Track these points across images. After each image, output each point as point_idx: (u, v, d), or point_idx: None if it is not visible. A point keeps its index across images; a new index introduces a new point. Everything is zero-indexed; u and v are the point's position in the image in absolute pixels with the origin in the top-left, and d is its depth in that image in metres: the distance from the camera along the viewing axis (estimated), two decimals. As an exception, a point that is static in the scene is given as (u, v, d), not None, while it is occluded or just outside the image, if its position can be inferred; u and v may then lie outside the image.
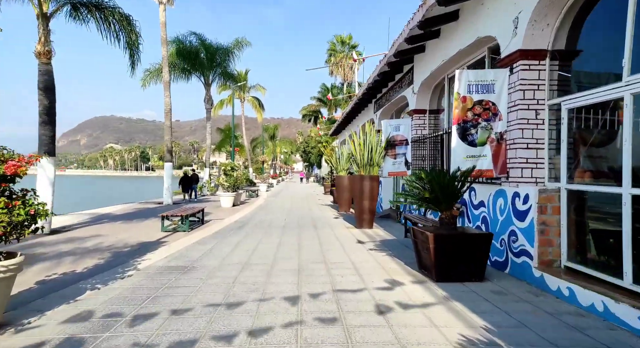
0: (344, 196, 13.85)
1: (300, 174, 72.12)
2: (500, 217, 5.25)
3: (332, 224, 10.43)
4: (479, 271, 4.66)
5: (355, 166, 9.79)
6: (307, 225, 10.14)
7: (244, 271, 5.27)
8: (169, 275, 5.05)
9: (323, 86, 53.56)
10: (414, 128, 9.43)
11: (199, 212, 10.25)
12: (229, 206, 15.69)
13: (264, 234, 8.64)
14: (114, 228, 9.45)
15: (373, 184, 9.38)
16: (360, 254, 6.41)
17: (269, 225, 10.15)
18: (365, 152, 9.40)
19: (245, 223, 10.64)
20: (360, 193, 9.39)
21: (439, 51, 7.62)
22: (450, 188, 4.81)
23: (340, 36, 44.78)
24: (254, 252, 6.56)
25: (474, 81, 5.03)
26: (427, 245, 4.68)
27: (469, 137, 5.10)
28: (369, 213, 9.43)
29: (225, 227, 9.75)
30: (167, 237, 8.15)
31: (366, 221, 9.45)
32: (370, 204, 9.40)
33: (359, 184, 9.42)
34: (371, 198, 9.38)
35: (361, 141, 9.47)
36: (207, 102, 23.45)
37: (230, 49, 22.84)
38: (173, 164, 17.08)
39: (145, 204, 16.67)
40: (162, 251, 6.56)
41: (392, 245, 7.29)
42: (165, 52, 16.51)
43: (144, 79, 20.47)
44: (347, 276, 5.01)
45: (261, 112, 40.52)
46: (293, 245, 7.23)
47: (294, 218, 11.72)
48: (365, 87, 12.06)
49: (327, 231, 9.03)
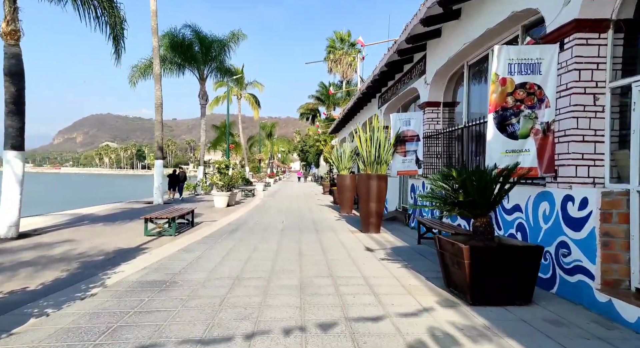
0: (346, 196, 12.94)
1: (298, 173, 71.31)
2: (543, 225, 4.35)
3: (335, 227, 9.52)
4: (524, 293, 3.77)
5: (361, 164, 8.89)
6: (307, 229, 9.23)
7: (235, 288, 4.35)
8: (142, 293, 4.12)
9: (321, 85, 52.69)
10: (426, 123, 8.53)
11: (188, 214, 9.32)
12: (223, 206, 14.75)
13: (260, 239, 7.72)
14: (92, 231, 8.50)
15: (381, 185, 8.48)
16: (371, 265, 5.50)
17: (266, 228, 9.23)
18: (372, 149, 8.50)
19: (239, 225, 9.72)
20: (366, 194, 8.49)
21: (459, 34, 6.72)
22: (489, 190, 3.91)
23: (339, 33, 43.85)
24: (248, 262, 5.64)
25: (515, 59, 4.13)
26: (460, 260, 3.79)
27: (508, 128, 4.20)
28: (376, 217, 8.53)
29: (217, 231, 8.82)
30: (149, 243, 7.21)
31: (373, 225, 8.55)
32: (378, 207, 8.50)
33: (365, 184, 8.52)
34: (379, 200, 8.48)
35: (367, 137, 8.56)
36: (201, 98, 22.48)
37: (226, 42, 21.85)
38: (168, 162, 16.15)
39: (134, 204, 15.69)
40: (140, 261, 5.63)
41: (406, 253, 6.39)
42: (156, 43, 15.53)
43: (132, 77, 19.43)
44: (360, 296, 4.10)
45: (258, 110, 39.55)
46: (293, 253, 6.32)
47: (293, 220, 10.81)
48: (370, 79, 11.16)
49: (330, 236, 8.12)
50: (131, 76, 19.45)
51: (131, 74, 19.47)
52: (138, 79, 19.56)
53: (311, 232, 8.70)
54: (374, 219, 8.53)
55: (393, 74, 10.82)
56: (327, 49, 44.53)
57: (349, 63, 43.08)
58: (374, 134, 8.49)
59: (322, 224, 10.15)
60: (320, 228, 9.32)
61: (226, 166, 14.88)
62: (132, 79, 19.43)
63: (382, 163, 8.55)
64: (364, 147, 8.61)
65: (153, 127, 16.53)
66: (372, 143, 8.50)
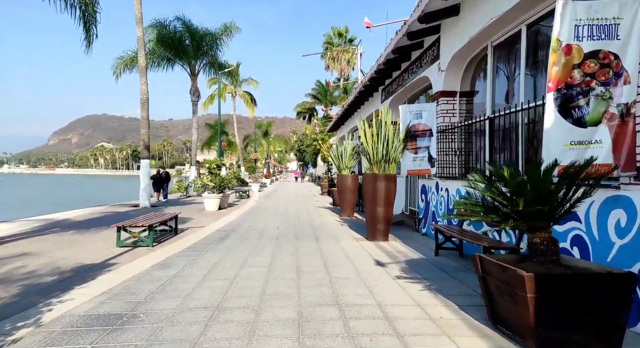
0: (347, 198, 11.90)
1: (295, 173, 70.37)
2: (617, 240, 3.33)
3: (337, 233, 8.47)
4: (610, 338, 2.73)
5: (366, 162, 7.85)
6: (306, 235, 8.18)
7: (212, 326, 3.30)
8: (85, 336, 3.06)
9: (318, 83, 51.66)
10: (440, 115, 7.50)
11: (171, 219, 8.24)
12: (214, 209, 13.67)
13: (251, 249, 6.67)
14: (58, 241, 7.41)
15: (390, 186, 7.44)
16: (385, 286, 4.46)
17: (259, 236, 8.18)
18: (379, 145, 7.45)
19: (230, 232, 8.65)
20: (372, 197, 7.45)
21: (483, 8, 5.69)
22: (555, 196, 2.87)
23: (336, 29, 42.81)
24: (234, 283, 4.58)
25: (585, 19, 3.09)
26: (517, 291, 2.75)
27: (574, 112, 3.17)
28: (384, 223, 7.49)
29: (203, 239, 7.75)
30: (120, 256, 6.14)
31: (380, 232, 7.51)
32: (386, 212, 7.46)
33: (371, 185, 7.48)
34: (387, 203, 7.44)
35: (374, 132, 7.52)
36: (193, 94, 21.36)
37: (218, 35, 20.72)
38: (164, 163, 15.08)
39: (119, 207, 14.58)
40: (100, 284, 4.56)
41: (424, 268, 5.35)
42: (141, 33, 14.43)
43: (117, 68, 18.28)
44: (380, 338, 3.06)
45: (253, 108, 38.45)
46: (289, 269, 5.27)
47: (290, 225, 9.75)
48: (374, 69, 10.12)
49: (332, 245, 7.08)
50: (115, 67, 18.30)
51: (115, 66, 18.32)
52: (122, 71, 18.39)
53: (310, 240, 7.65)
54: (382, 225, 7.48)
55: (399, 63, 9.79)
56: (324, 45, 43.47)
57: (347, 60, 42.06)
58: (381, 128, 7.45)
59: (322, 229, 9.10)
60: (321, 235, 8.27)
61: (217, 165, 13.81)
62: (117, 71, 18.28)
63: (390, 161, 7.51)
64: (370, 143, 7.57)
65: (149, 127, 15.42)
66: (379, 139, 7.45)
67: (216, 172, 13.74)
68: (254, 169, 38.38)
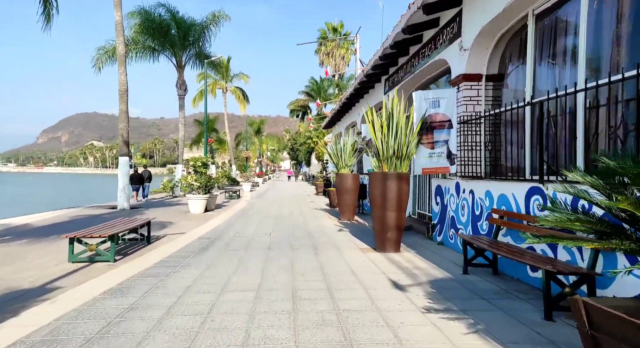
0: (347, 200, 10.71)
1: (288, 172, 69.27)
2: None
3: (338, 242, 7.28)
4: None
5: (374, 159, 6.67)
6: (302, 244, 6.97)
7: None
8: None
9: (312, 80, 50.47)
10: (461, 103, 6.33)
11: (143, 226, 6.98)
12: (199, 212, 12.40)
13: (237, 264, 5.45)
14: (2, 253, 6.12)
15: (402, 187, 6.26)
16: (415, 327, 3.27)
17: (248, 245, 6.95)
18: (390, 138, 6.26)
19: (214, 240, 7.42)
20: (382, 200, 6.26)
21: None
22: None
23: (331, 24, 41.61)
24: (208, 321, 3.36)
25: None
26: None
27: None
28: (396, 230, 6.31)
29: (180, 249, 6.51)
30: (69, 276, 4.88)
31: (391, 242, 6.32)
32: (398, 217, 6.27)
33: (380, 186, 6.29)
34: (399, 208, 6.26)
35: (384, 122, 6.33)
36: (179, 88, 20.01)
37: (206, 24, 19.38)
38: (155, 162, 13.78)
39: (94, 209, 13.24)
40: (20, 324, 3.31)
41: (457, 294, 4.18)
42: (119, 17, 13.09)
43: (98, 60, 16.88)
44: None
45: (245, 104, 37.07)
46: (283, 296, 4.06)
47: (284, 231, 8.54)
48: (380, 53, 8.93)
49: (335, 258, 5.88)
50: (96, 58, 16.90)
51: (96, 57, 16.91)
52: (105, 62, 17.00)
53: (308, 250, 6.44)
54: (393, 234, 6.30)
55: (407, 47, 8.62)
56: (318, 40, 42.19)
57: (341, 56, 40.90)
58: (392, 119, 6.26)
59: (321, 237, 7.90)
60: (320, 244, 7.06)
61: (203, 163, 12.53)
62: (98, 63, 16.89)
63: (403, 158, 6.32)
64: (379, 137, 6.38)
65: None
66: (390, 131, 6.26)
67: (202, 170, 12.47)
68: (246, 168, 36.99)
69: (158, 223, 9.70)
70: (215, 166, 43.54)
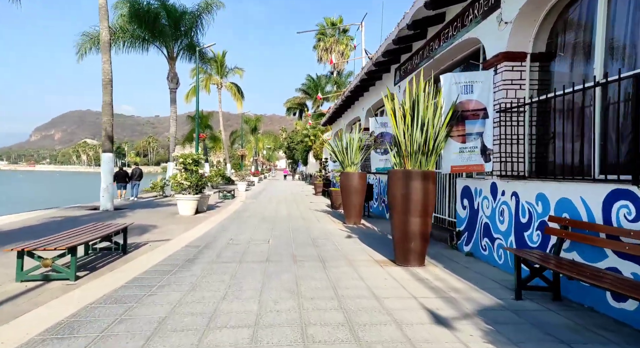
0: (353, 202, 9.65)
1: (284, 171, 68.23)
2: None
3: (348, 251, 6.21)
4: None
5: (394, 155, 5.61)
6: (307, 256, 5.89)
7: None
8: None
9: (309, 78, 49.44)
10: (500, 87, 5.28)
11: (119, 233, 5.87)
12: (189, 214, 11.29)
13: (228, 284, 4.37)
14: (-61, 268, 4.99)
15: (428, 188, 5.21)
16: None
17: (242, 256, 5.87)
18: (415, 130, 5.20)
19: (202, 249, 6.32)
20: (404, 203, 5.21)
21: None
22: None
23: (330, 19, 40.52)
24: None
25: None
26: None
27: None
28: (421, 240, 5.25)
29: (161, 262, 5.41)
30: (7, 303, 3.77)
31: (415, 254, 5.27)
32: (424, 224, 5.22)
33: (402, 187, 5.23)
34: (425, 213, 5.21)
35: (407, 110, 5.27)
36: (170, 81, 18.84)
37: (199, 13, 18.20)
38: (149, 160, 12.63)
39: (74, 210, 12.08)
40: None
41: (518, 330, 3.12)
42: (103, 1, 11.92)
43: (81, 47, 15.67)
44: None
45: (241, 100, 35.88)
46: (290, 334, 2.99)
47: (284, 238, 7.46)
48: (395, 36, 7.87)
49: (349, 274, 4.82)
50: (80, 45, 15.68)
51: (80, 44, 15.69)
52: (89, 50, 15.78)
53: (314, 264, 5.37)
54: (417, 244, 5.25)
55: (426, 27, 7.58)
56: (316, 36, 41.12)
57: (340, 52, 39.84)
58: (418, 106, 5.20)
59: (327, 244, 6.83)
60: (327, 254, 5.99)
61: (194, 160, 11.41)
62: (81, 50, 15.67)
63: (430, 153, 5.27)
64: (401, 128, 5.31)
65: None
66: (415, 122, 5.20)
67: (192, 168, 11.35)
68: (241, 167, 35.82)
69: (141, 227, 8.60)
70: (210, 165, 42.32)
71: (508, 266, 4.96)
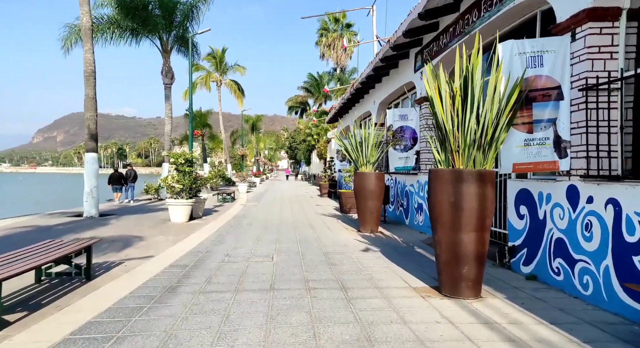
0: (370, 206, 8.32)
1: (286, 171, 67.15)
2: None
3: (374, 274, 4.88)
4: None
5: (439, 150, 4.26)
6: (322, 280, 4.56)
7: None
8: None
9: (310, 76, 48.09)
10: (582, 58, 3.93)
11: (81, 253, 4.57)
12: (182, 220, 10.00)
13: (217, 333, 3.06)
14: None
15: (486, 194, 3.87)
16: None
17: (240, 281, 4.55)
18: (470, 115, 3.87)
19: (190, 271, 5.01)
20: (453, 215, 3.88)
21: None
22: None
23: (333, 14, 39.09)
24: None
25: None
26: None
27: None
28: (477, 264, 3.92)
29: (132, 294, 4.10)
30: None
31: (469, 282, 3.93)
32: (480, 242, 3.89)
33: (449, 192, 3.90)
34: (482, 226, 3.88)
35: (457, 89, 3.93)
36: (165, 76, 17.56)
37: (194, 2, 16.88)
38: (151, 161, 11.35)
39: (55, 217, 10.80)
40: None
41: None
42: (84, -19, 10.64)
43: (67, 39, 14.40)
44: None
45: (241, 98, 34.58)
46: None
47: (291, 252, 6.13)
48: (421, 8, 6.54)
49: (383, 314, 3.49)
50: (65, 38, 14.41)
51: (65, 37, 14.43)
52: (74, 43, 14.51)
53: (333, 294, 4.04)
54: (472, 268, 3.91)
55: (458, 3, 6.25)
56: (318, 31, 39.79)
57: (343, 47, 38.45)
58: (472, 84, 3.86)
59: (345, 263, 5.49)
60: (348, 278, 4.66)
61: (187, 160, 10.11)
62: (66, 43, 14.41)
63: (488, 147, 3.93)
64: (449, 112, 3.98)
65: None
66: (467, 106, 3.87)
67: (185, 169, 10.04)
68: (241, 167, 34.52)
69: (122, 240, 7.31)
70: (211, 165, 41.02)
71: (601, 299, 3.63)
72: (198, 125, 28.71)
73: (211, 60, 33.18)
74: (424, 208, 8.39)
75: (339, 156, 17.29)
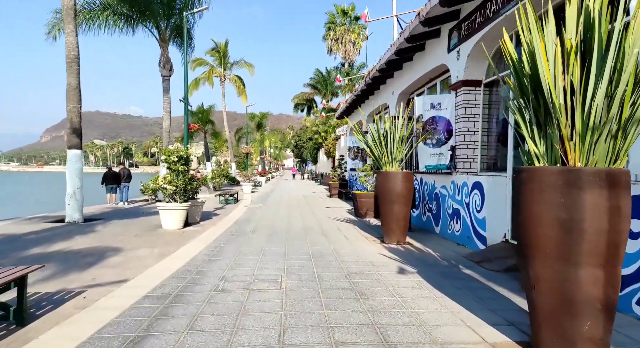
0: (396, 213, 6.89)
1: (293, 170, 66.06)
2: None
3: (422, 314, 3.47)
4: None
5: (536, 138, 2.82)
6: (352, 324, 3.15)
7: None
8: None
9: (317, 72, 46.65)
10: None
11: (10, 286, 3.20)
12: (175, 227, 8.66)
13: None
14: None
15: (620, 207, 2.44)
16: None
17: (234, 332, 3.16)
18: (599, 82, 2.43)
19: (168, 308, 3.63)
20: (563, 240, 2.45)
21: None
22: None
23: (340, 6, 37.64)
24: None
25: None
26: None
27: None
28: (604, 318, 2.49)
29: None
30: None
31: (591, 345, 2.50)
32: (609, 281, 2.46)
33: (559, 205, 2.47)
34: (613, 259, 2.45)
35: (572, 55, 2.49)
36: (163, 67, 16.24)
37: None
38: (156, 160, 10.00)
39: (33, 223, 9.50)
40: None
41: None
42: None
43: (53, 26, 13.15)
44: None
45: (245, 94, 33.24)
46: None
47: (304, 274, 4.73)
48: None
49: None
50: (52, 25, 13.14)
51: (52, 24, 13.15)
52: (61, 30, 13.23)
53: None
54: (598, 323, 2.48)
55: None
56: (326, 25, 38.36)
57: (352, 41, 37.04)
58: (599, 32, 2.42)
59: (377, 293, 4.07)
60: (388, 322, 3.25)
61: (180, 157, 8.75)
62: (53, 31, 13.15)
63: (621, 134, 2.50)
64: (560, 80, 2.54)
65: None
66: (594, 61, 2.43)
67: (178, 168, 8.68)
68: (246, 166, 33.19)
69: (95, 254, 5.97)
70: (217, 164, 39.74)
71: None
72: (202, 122, 27.38)
73: (215, 55, 31.87)
74: (462, 214, 6.96)
75: (351, 154, 15.87)
